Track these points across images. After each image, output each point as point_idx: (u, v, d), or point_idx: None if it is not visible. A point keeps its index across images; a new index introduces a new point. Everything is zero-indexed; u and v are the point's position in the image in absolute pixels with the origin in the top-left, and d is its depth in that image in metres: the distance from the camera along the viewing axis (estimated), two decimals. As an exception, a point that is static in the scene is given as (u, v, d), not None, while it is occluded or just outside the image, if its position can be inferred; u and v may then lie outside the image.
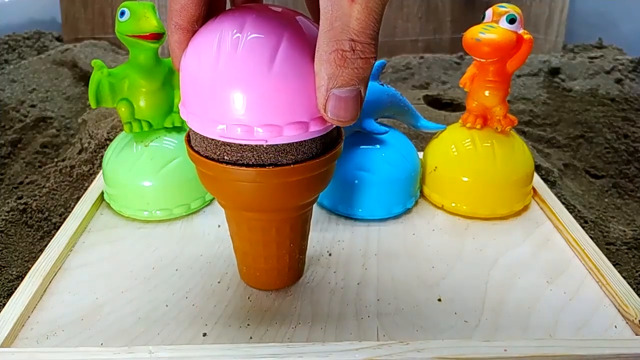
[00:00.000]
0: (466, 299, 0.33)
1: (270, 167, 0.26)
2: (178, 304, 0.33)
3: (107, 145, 0.58)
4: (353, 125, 0.40)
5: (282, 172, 0.27)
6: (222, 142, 0.26)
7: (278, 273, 0.33)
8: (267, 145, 0.26)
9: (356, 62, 0.22)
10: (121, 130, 0.42)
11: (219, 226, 0.41)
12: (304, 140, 0.27)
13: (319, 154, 0.28)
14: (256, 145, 0.26)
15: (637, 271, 0.47)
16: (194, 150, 0.28)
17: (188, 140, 0.29)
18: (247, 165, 0.26)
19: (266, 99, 0.24)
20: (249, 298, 0.33)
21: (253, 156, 0.26)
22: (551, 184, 0.59)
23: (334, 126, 0.28)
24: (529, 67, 0.93)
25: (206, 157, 0.27)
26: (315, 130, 0.26)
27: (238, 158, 0.26)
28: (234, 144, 0.26)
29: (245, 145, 0.26)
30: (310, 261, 0.37)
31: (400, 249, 0.38)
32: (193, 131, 0.28)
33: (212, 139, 0.27)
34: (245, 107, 0.25)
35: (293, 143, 0.26)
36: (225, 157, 0.27)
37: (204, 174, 0.29)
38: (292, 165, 0.27)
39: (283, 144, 0.26)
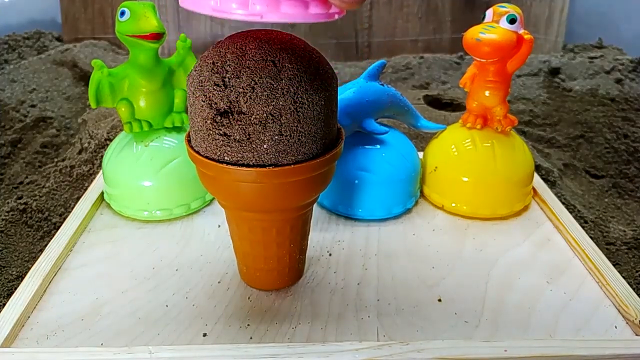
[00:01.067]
0: (466, 299, 0.33)
1: (271, 167, 0.26)
2: (178, 304, 0.33)
3: (107, 145, 0.58)
4: (353, 126, 0.40)
5: (283, 173, 0.27)
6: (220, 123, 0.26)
7: (278, 273, 0.33)
8: (267, 147, 0.26)
9: None
10: (121, 130, 0.42)
11: (219, 226, 0.41)
12: (305, 140, 0.26)
13: (319, 154, 0.28)
14: (256, 146, 0.26)
15: (637, 271, 0.47)
16: (195, 151, 0.28)
17: (188, 140, 0.29)
18: (248, 166, 0.26)
19: None
20: (249, 298, 0.33)
21: (253, 156, 0.26)
22: (551, 184, 0.59)
23: (337, 17, 0.26)
24: (529, 67, 0.93)
25: (206, 157, 0.27)
26: (315, 12, 0.24)
27: (238, 158, 0.26)
28: (235, 144, 0.26)
29: (245, 146, 0.26)
30: (310, 261, 0.37)
31: (400, 249, 0.38)
32: (193, 132, 0.28)
33: (213, 140, 0.26)
34: None
35: (293, 143, 0.26)
36: (226, 158, 0.27)
37: (204, 174, 0.29)
38: (292, 166, 0.27)
39: (283, 146, 0.26)
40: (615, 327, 0.31)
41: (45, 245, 0.37)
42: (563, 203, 0.45)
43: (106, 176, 0.42)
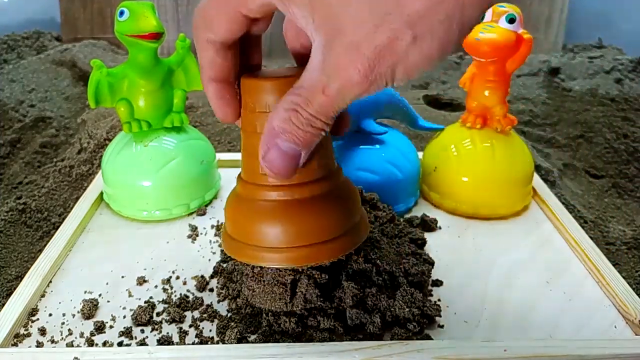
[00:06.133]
0: (466, 299, 0.33)
1: None
2: (177, 304, 0.33)
3: (107, 145, 0.57)
4: (352, 126, 0.40)
5: None
6: None
7: None
8: None
9: (307, 127, 0.22)
10: (120, 130, 0.42)
11: (218, 226, 0.41)
12: None
13: None
14: None
15: (637, 271, 0.47)
16: None
17: None
18: None
19: None
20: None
21: None
22: (551, 184, 0.59)
23: None
24: (529, 67, 0.93)
25: None
26: None
27: None
28: None
29: None
30: (309, 261, 0.37)
31: (400, 249, 0.38)
32: None
33: None
34: None
35: None
36: None
37: None
38: None
39: None
40: (615, 327, 0.31)
41: (45, 245, 0.37)
42: (563, 203, 0.45)
43: (105, 176, 0.42)
